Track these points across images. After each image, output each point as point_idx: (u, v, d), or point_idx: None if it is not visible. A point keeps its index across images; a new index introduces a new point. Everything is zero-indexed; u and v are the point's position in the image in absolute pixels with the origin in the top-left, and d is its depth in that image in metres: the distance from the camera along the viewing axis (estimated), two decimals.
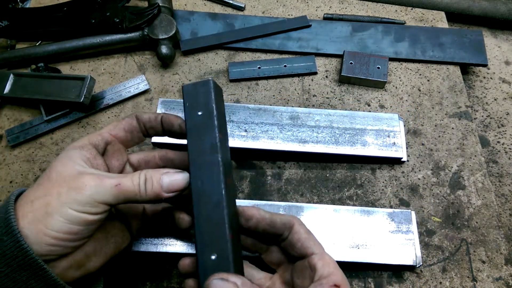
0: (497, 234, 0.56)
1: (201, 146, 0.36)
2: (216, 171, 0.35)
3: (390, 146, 0.60)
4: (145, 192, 0.35)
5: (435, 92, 0.68)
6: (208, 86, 0.37)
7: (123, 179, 0.35)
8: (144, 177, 0.36)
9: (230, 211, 0.36)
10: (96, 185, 0.34)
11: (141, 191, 0.35)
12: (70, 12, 0.70)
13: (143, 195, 0.35)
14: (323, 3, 0.78)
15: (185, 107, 0.38)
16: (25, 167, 0.61)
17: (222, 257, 0.34)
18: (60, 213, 0.33)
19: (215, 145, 0.36)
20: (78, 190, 0.34)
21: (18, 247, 0.32)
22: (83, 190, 0.34)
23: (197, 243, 0.34)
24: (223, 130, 0.38)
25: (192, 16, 0.74)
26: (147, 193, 0.35)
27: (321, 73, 0.70)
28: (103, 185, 0.34)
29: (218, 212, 0.35)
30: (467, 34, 0.72)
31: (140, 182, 0.36)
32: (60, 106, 0.63)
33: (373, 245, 0.52)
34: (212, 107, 0.36)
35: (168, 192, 0.36)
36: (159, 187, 0.36)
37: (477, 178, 0.60)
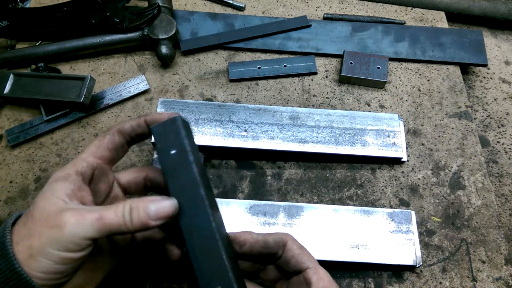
0: (497, 234, 0.56)
1: (181, 183, 0.35)
2: (202, 205, 0.35)
3: (390, 146, 0.60)
4: (131, 222, 0.34)
5: (435, 92, 0.68)
6: (176, 124, 0.36)
7: (105, 212, 0.34)
8: (129, 207, 0.34)
9: (224, 241, 0.36)
10: (77, 221, 0.32)
11: (126, 222, 0.34)
12: (70, 12, 0.70)
13: (128, 226, 0.34)
14: (323, 3, 0.78)
15: (157, 148, 0.37)
16: (25, 167, 0.61)
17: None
18: (43, 255, 0.32)
19: (195, 179, 0.35)
20: (58, 229, 0.32)
21: (12, 270, 0.31)
22: (63, 228, 0.32)
23: (199, 279, 0.35)
24: (200, 164, 0.37)
25: (192, 16, 0.74)
26: (133, 223, 0.34)
27: (321, 73, 0.70)
28: (84, 221, 0.33)
29: (213, 244, 0.35)
30: (467, 34, 0.72)
31: (125, 213, 0.34)
32: (60, 106, 0.63)
33: (373, 245, 0.52)
34: (184, 143, 0.36)
35: (156, 220, 0.34)
36: (146, 216, 0.34)
37: (477, 178, 0.60)
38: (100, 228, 0.33)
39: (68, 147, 0.62)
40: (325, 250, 0.52)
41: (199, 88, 0.68)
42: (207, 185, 0.38)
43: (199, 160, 0.37)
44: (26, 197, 0.58)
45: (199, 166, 0.37)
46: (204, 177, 0.37)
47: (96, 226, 0.33)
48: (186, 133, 0.37)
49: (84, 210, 0.34)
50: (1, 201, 0.58)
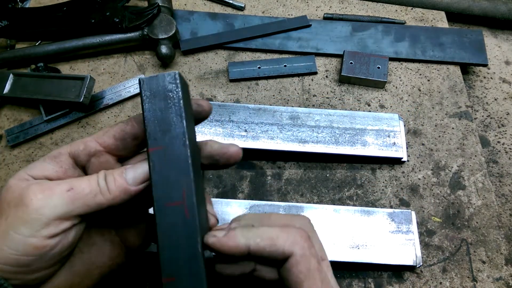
0: (497, 234, 0.56)
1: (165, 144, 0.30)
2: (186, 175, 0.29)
3: (390, 146, 0.60)
4: (108, 190, 0.29)
5: (435, 92, 0.68)
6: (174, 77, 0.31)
7: (77, 182, 0.29)
8: (103, 174, 0.30)
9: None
10: (44, 196, 0.27)
11: (102, 190, 0.29)
12: (69, 12, 0.70)
13: (106, 195, 0.29)
14: (323, 3, 0.77)
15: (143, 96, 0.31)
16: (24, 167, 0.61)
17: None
18: (6, 241, 0.27)
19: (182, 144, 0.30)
20: (21, 207, 0.27)
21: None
22: (28, 205, 0.27)
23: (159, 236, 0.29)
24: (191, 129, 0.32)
25: (192, 16, 0.74)
26: (111, 191, 0.29)
27: (321, 73, 0.70)
28: (52, 193, 0.28)
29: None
30: (467, 34, 0.72)
31: (99, 180, 0.29)
32: (59, 106, 0.63)
33: (373, 245, 0.52)
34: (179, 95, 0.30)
35: (136, 183, 0.30)
36: (122, 181, 0.29)
37: (477, 178, 0.60)
38: (72, 200, 0.28)
39: None
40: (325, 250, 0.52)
41: (199, 88, 0.68)
42: (196, 157, 0.32)
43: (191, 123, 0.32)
44: None
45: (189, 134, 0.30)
46: (195, 149, 0.32)
47: (67, 199, 0.28)
48: (182, 89, 0.31)
49: (53, 183, 0.29)
50: None
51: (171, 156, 0.29)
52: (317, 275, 0.30)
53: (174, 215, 0.29)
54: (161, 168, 0.29)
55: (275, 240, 0.30)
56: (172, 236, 0.28)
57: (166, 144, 0.29)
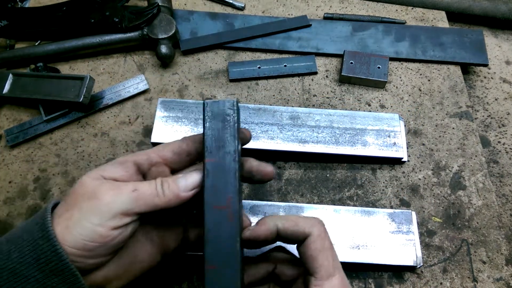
0: (498, 235, 0.56)
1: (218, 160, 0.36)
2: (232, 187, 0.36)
3: (391, 146, 0.59)
4: (163, 194, 0.35)
5: (435, 92, 0.68)
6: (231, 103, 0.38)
7: (140, 184, 0.35)
8: (160, 180, 0.36)
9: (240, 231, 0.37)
10: (114, 193, 0.33)
11: (159, 193, 0.35)
12: (69, 12, 0.70)
13: (161, 198, 0.35)
14: (323, 2, 0.77)
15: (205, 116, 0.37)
16: (24, 167, 0.61)
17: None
18: (79, 227, 0.32)
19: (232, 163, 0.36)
20: (96, 200, 0.33)
21: (54, 251, 0.31)
22: (101, 200, 0.33)
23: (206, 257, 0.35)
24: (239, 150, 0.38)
25: (191, 16, 0.73)
26: (165, 195, 0.35)
27: (321, 73, 0.69)
28: (121, 192, 0.33)
29: (230, 231, 0.36)
30: (467, 34, 0.72)
31: (157, 185, 0.35)
32: (59, 106, 0.63)
33: (374, 245, 0.52)
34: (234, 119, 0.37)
35: (186, 191, 0.36)
36: (176, 187, 0.35)
37: (478, 178, 0.60)
38: (136, 199, 0.34)
39: (67, 147, 0.62)
40: None
41: (199, 88, 0.68)
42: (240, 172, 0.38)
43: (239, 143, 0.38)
44: (25, 197, 0.58)
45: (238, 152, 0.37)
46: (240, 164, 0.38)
47: (132, 197, 0.33)
48: (237, 114, 0.38)
49: (121, 183, 0.35)
50: (0, 201, 0.58)
51: (222, 168, 0.36)
52: (330, 252, 0.37)
53: (219, 216, 0.35)
54: (213, 176, 0.36)
55: (298, 222, 0.37)
56: (216, 233, 0.35)
57: (220, 158, 0.36)
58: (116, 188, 0.34)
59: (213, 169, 0.36)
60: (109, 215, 0.32)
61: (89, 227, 0.32)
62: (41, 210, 0.35)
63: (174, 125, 0.60)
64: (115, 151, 0.62)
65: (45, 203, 0.58)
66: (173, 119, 0.60)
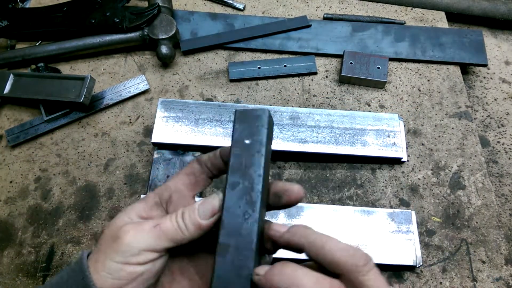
0: (497, 234, 0.56)
1: (240, 178, 0.34)
2: (253, 208, 0.33)
3: (390, 146, 0.60)
4: (185, 227, 0.34)
5: (435, 92, 0.68)
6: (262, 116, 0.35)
7: (161, 220, 0.35)
8: (181, 212, 0.35)
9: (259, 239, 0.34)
10: (135, 232, 0.33)
11: (180, 226, 0.34)
12: (70, 12, 0.70)
13: (184, 231, 0.34)
14: (323, 3, 0.78)
15: (234, 131, 0.36)
16: (25, 167, 0.61)
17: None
18: (104, 268, 0.32)
19: (253, 183, 0.34)
20: (118, 240, 0.33)
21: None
22: (122, 239, 0.33)
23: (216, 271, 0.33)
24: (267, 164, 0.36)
25: (192, 16, 0.74)
26: (187, 227, 0.34)
27: (321, 73, 0.70)
28: (142, 229, 0.33)
29: (248, 245, 0.33)
30: (467, 34, 0.72)
31: (178, 218, 0.35)
32: (60, 106, 0.63)
33: (373, 245, 0.52)
34: (263, 136, 0.35)
35: (205, 218, 0.35)
36: (196, 217, 0.35)
37: (477, 178, 0.60)
38: (158, 235, 0.34)
39: (68, 147, 0.62)
40: None
41: (199, 88, 0.68)
42: (266, 188, 0.36)
43: (268, 160, 0.36)
44: (26, 197, 0.58)
45: (267, 165, 0.35)
46: (266, 178, 0.35)
47: (154, 234, 0.33)
48: (268, 127, 0.35)
49: (143, 222, 0.35)
50: (1, 201, 0.58)
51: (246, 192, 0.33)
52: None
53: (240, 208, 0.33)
54: (231, 199, 0.33)
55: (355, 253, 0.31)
56: (234, 213, 0.33)
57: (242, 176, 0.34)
58: (137, 226, 0.34)
59: (234, 191, 0.33)
60: (131, 253, 0.33)
61: (114, 266, 0.32)
62: (77, 258, 0.36)
63: (175, 125, 0.60)
64: (116, 151, 0.62)
65: (45, 203, 0.58)
66: (174, 119, 0.60)
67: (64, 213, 0.57)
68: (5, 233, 0.56)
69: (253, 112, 0.35)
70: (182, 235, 0.34)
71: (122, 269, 0.33)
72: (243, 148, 0.34)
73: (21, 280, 0.53)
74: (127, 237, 0.33)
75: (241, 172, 0.34)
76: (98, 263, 0.33)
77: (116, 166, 0.61)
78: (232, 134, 0.36)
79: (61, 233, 0.56)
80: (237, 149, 0.35)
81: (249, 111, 0.36)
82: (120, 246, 0.33)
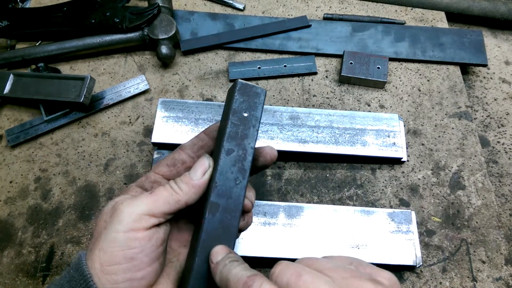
0: (497, 234, 0.56)
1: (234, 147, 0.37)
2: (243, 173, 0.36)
3: (390, 146, 0.60)
4: (179, 188, 0.35)
5: (435, 92, 0.68)
6: (260, 94, 0.38)
7: (155, 189, 0.36)
8: (172, 181, 0.36)
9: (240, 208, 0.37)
10: (131, 201, 0.34)
11: (174, 188, 0.35)
12: (70, 12, 0.70)
13: (178, 192, 0.35)
14: (323, 3, 0.78)
15: (232, 100, 0.38)
16: (25, 167, 0.61)
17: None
18: (109, 244, 0.32)
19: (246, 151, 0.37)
20: (115, 212, 0.34)
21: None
22: (119, 209, 0.34)
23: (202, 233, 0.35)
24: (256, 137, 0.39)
25: (192, 16, 0.74)
26: (181, 187, 0.35)
27: (321, 73, 0.70)
28: (138, 198, 0.34)
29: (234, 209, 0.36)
30: (467, 34, 0.72)
31: (171, 184, 0.36)
32: (60, 106, 0.63)
33: (373, 245, 0.52)
34: (259, 112, 0.38)
35: (198, 178, 0.36)
36: (187, 178, 0.36)
37: (477, 178, 0.60)
38: (154, 200, 0.34)
39: (68, 147, 0.62)
40: (325, 250, 0.52)
41: (199, 88, 0.68)
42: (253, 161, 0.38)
43: (258, 134, 0.39)
44: (26, 197, 0.58)
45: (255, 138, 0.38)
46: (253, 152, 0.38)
47: (150, 200, 0.34)
48: (263, 106, 0.38)
49: (137, 194, 0.37)
50: (1, 201, 0.58)
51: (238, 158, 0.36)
52: None
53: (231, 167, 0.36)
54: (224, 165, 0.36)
55: None
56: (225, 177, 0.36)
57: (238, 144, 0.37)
58: (132, 197, 0.35)
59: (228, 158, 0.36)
60: (132, 218, 0.33)
61: (117, 236, 0.32)
62: (74, 262, 0.35)
63: (175, 125, 0.60)
64: (116, 151, 0.62)
65: (45, 203, 0.58)
66: (174, 119, 0.60)
67: (64, 213, 0.57)
68: (5, 233, 0.56)
69: (254, 89, 0.38)
70: (177, 195, 0.35)
71: (125, 236, 0.32)
72: (241, 120, 0.37)
73: (21, 280, 0.53)
74: (123, 206, 0.34)
75: (236, 141, 0.36)
76: (100, 243, 0.33)
77: (116, 166, 0.61)
78: (231, 102, 0.37)
79: (61, 233, 0.56)
80: (235, 118, 0.37)
81: (250, 86, 0.38)
82: (119, 216, 0.33)
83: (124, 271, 0.32)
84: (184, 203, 0.35)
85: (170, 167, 0.41)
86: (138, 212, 0.33)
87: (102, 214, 0.35)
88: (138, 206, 0.34)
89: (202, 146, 0.41)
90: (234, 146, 0.36)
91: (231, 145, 0.36)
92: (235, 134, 0.36)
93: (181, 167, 0.41)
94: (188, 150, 0.41)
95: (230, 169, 0.36)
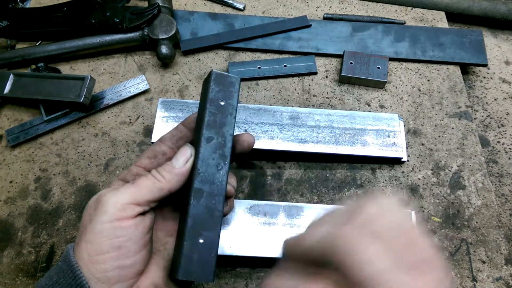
0: (497, 234, 0.56)
1: (213, 135, 0.38)
2: (223, 161, 0.37)
3: (390, 146, 0.60)
4: (161, 176, 0.36)
5: (435, 92, 0.68)
6: (235, 83, 0.40)
7: (137, 179, 0.37)
8: (155, 170, 0.37)
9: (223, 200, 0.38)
10: (114, 192, 0.35)
11: (157, 177, 0.36)
12: (70, 12, 0.70)
13: (161, 180, 0.36)
14: (323, 3, 0.78)
15: (208, 90, 0.39)
16: (25, 167, 0.61)
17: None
18: (96, 235, 0.33)
19: (225, 140, 0.38)
20: (99, 204, 0.34)
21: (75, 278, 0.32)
22: (103, 201, 0.34)
23: (188, 222, 0.36)
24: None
25: (192, 16, 0.74)
26: (164, 176, 0.36)
27: (321, 73, 0.70)
28: (121, 189, 0.35)
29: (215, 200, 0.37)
30: (467, 34, 0.72)
31: (154, 173, 0.37)
32: (60, 106, 0.63)
33: None
34: (235, 100, 0.39)
35: (181, 165, 0.37)
36: (170, 166, 0.37)
37: (477, 178, 0.60)
38: (138, 189, 0.35)
39: (68, 147, 0.62)
40: None
41: (199, 88, 0.68)
42: (232, 148, 0.39)
43: (235, 121, 0.40)
44: (26, 197, 0.58)
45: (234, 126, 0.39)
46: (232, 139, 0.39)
47: (133, 189, 0.35)
48: (239, 94, 0.40)
49: (119, 186, 0.37)
50: (1, 201, 0.58)
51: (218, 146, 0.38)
52: None
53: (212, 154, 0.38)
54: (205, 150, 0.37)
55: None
56: (207, 163, 0.37)
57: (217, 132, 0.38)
58: (114, 189, 0.35)
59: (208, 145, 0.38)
60: (116, 209, 0.33)
61: (103, 227, 0.33)
62: (63, 255, 0.36)
63: (175, 125, 0.60)
64: (116, 151, 0.62)
65: (45, 203, 0.58)
66: (174, 119, 0.60)
67: (64, 213, 0.57)
68: (5, 233, 0.56)
69: (228, 78, 0.39)
70: (160, 183, 0.36)
71: (114, 226, 0.33)
72: (218, 108, 0.38)
73: (21, 280, 0.53)
74: (107, 197, 0.34)
75: (215, 130, 0.38)
76: (87, 235, 0.33)
77: (116, 166, 0.61)
78: (207, 93, 0.39)
79: (61, 233, 0.56)
80: (213, 107, 0.38)
81: (224, 76, 0.39)
82: (104, 207, 0.34)
83: (112, 259, 0.33)
84: (168, 191, 0.36)
85: (151, 159, 0.41)
86: (122, 201, 0.34)
87: (86, 209, 0.36)
88: (121, 196, 0.34)
89: (181, 137, 0.42)
90: (214, 134, 0.38)
91: (210, 133, 0.38)
92: (213, 122, 0.38)
93: (162, 159, 0.41)
94: (168, 142, 0.42)
95: (211, 156, 0.37)
